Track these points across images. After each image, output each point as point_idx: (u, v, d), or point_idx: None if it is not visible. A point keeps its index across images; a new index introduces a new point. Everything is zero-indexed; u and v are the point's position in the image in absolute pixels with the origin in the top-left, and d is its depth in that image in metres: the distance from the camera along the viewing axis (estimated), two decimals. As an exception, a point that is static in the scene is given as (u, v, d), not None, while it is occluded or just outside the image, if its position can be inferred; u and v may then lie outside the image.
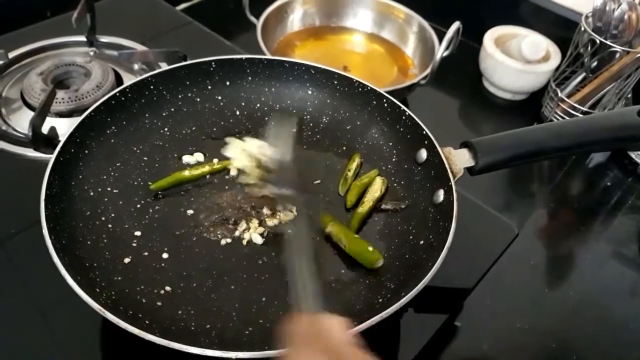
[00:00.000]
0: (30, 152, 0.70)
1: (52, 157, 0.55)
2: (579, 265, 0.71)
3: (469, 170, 0.58)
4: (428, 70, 0.83)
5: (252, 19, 0.90)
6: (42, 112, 0.68)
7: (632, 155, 0.86)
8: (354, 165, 0.66)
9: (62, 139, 0.58)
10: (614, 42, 0.81)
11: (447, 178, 0.57)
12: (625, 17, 0.79)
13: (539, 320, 0.63)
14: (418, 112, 0.65)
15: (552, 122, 0.80)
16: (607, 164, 0.87)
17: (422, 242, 0.56)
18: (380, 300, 0.51)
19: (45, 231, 0.49)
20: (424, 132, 0.62)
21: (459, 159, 0.58)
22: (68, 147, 0.58)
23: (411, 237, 0.58)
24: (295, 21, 0.99)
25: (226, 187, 0.65)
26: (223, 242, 0.59)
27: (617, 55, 0.82)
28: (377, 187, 0.64)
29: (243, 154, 0.59)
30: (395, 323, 0.60)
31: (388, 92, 0.67)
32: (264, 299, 0.53)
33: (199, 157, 0.67)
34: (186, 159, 0.66)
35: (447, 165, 0.57)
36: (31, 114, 0.69)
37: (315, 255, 0.40)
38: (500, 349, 0.60)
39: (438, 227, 0.55)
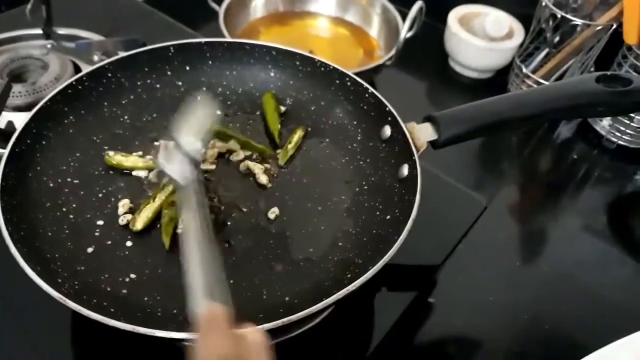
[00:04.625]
0: (-12, 148, 0.69)
1: (6, 149, 0.54)
2: (549, 239, 0.72)
3: (432, 143, 0.58)
4: (392, 52, 0.83)
5: (214, 6, 0.89)
6: (-2, 106, 0.66)
7: (597, 128, 0.87)
8: (295, 137, 0.67)
9: (17, 130, 0.56)
10: (575, 15, 0.81)
11: (410, 153, 0.57)
12: (584, -11, 0.80)
13: (512, 294, 0.64)
14: (385, 94, 0.64)
15: (513, 92, 0.80)
16: (573, 138, 0.88)
17: (388, 217, 0.56)
18: (349, 275, 0.51)
19: (1, 222, 0.48)
20: (387, 109, 0.61)
21: (422, 133, 0.58)
22: (23, 138, 0.56)
23: (378, 213, 0.58)
24: (258, 7, 0.97)
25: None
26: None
27: (578, 28, 0.82)
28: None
29: None
30: (369, 303, 0.60)
31: (354, 75, 0.66)
32: (231, 281, 0.53)
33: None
34: None
35: (410, 140, 0.57)
36: (-13, 109, 0.68)
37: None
38: (474, 322, 0.61)
39: (404, 201, 0.55)
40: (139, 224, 0.57)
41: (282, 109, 0.70)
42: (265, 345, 0.30)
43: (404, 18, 0.86)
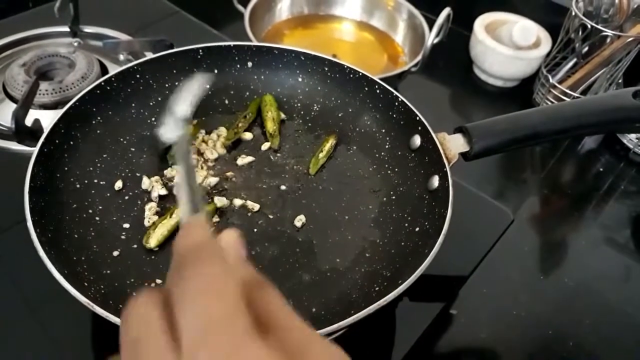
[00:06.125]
0: (14, 146, 0.69)
1: (35, 148, 0.54)
2: (573, 251, 0.71)
3: (464, 155, 0.57)
4: (419, 58, 0.82)
5: (240, 7, 0.89)
6: (25, 103, 0.66)
7: (624, 140, 0.85)
8: (327, 145, 0.66)
9: (46, 130, 0.56)
10: (605, 26, 0.80)
11: (441, 164, 0.56)
12: (616, 0, 0.79)
13: (535, 307, 0.63)
14: (409, 100, 0.64)
15: (547, 105, 0.79)
16: (598, 149, 0.86)
17: (417, 229, 0.55)
18: (377, 288, 0.51)
19: (29, 224, 0.48)
20: (418, 118, 0.61)
21: (453, 144, 0.57)
22: (52, 138, 0.56)
23: (406, 225, 0.57)
24: (283, 9, 0.97)
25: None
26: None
27: (608, 40, 0.81)
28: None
29: None
30: (390, 312, 0.59)
31: (381, 81, 0.66)
32: (257, 289, 0.52)
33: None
34: None
35: (441, 151, 0.56)
36: (14, 106, 0.67)
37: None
38: (496, 336, 0.60)
39: (434, 213, 0.54)
40: (152, 242, 0.54)
41: (283, 116, 0.69)
42: (239, 241, 0.30)
43: (429, 24, 0.86)
